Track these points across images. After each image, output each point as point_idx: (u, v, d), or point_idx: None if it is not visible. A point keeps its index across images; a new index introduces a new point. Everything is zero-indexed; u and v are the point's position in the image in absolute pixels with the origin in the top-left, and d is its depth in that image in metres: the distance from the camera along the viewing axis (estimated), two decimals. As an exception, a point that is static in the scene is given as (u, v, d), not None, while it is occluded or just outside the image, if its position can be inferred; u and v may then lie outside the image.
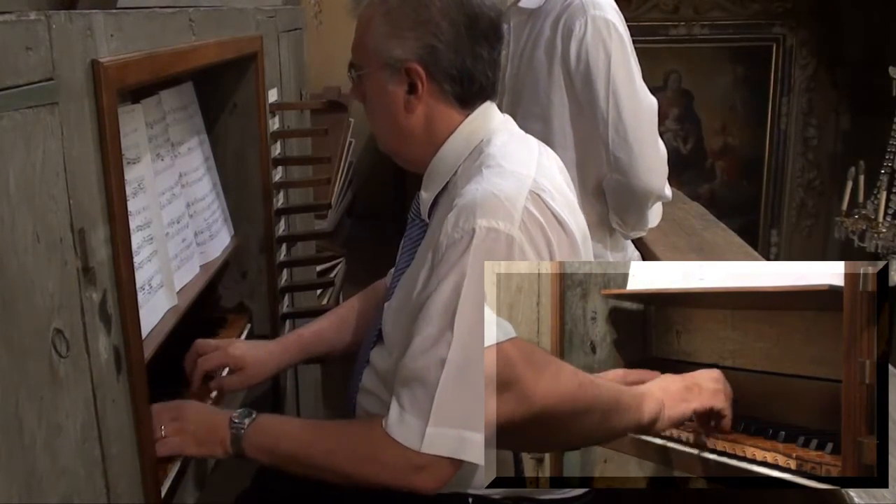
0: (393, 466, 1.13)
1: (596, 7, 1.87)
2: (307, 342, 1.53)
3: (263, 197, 1.67)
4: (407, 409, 1.12)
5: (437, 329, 1.12)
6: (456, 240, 1.12)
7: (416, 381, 1.13)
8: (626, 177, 1.90)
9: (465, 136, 1.27)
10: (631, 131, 1.86)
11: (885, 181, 3.25)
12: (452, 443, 1.11)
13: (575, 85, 1.92)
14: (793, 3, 4.62)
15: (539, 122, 1.99)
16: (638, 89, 1.89)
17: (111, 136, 0.91)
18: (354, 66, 1.30)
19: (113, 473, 0.92)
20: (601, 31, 1.85)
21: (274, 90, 1.74)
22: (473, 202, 1.13)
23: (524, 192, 1.16)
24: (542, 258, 1.16)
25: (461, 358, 1.09)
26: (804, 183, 4.92)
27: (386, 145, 1.34)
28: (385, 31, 1.22)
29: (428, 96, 1.24)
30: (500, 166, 1.20)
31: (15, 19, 0.74)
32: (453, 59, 1.21)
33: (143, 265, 1.19)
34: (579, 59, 1.88)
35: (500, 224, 1.12)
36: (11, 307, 0.72)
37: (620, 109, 1.86)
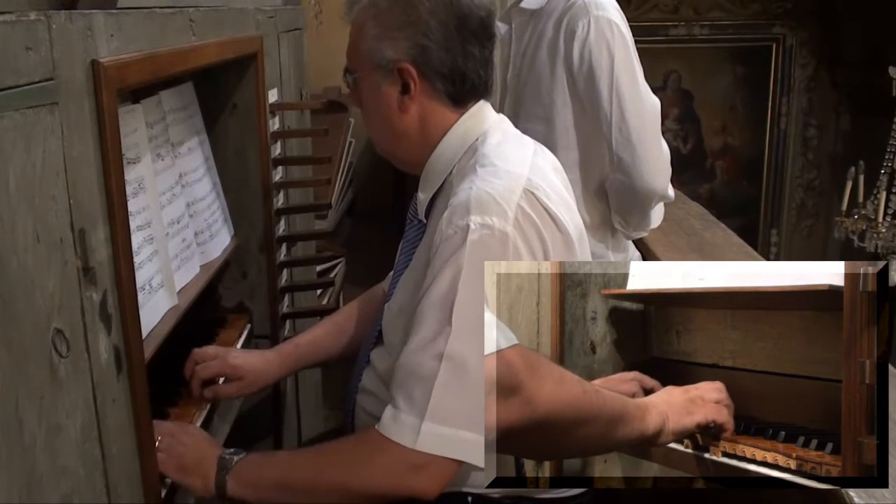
0: (388, 468, 1.10)
1: (599, 7, 1.87)
2: (304, 352, 1.52)
3: (263, 197, 1.67)
4: (402, 408, 1.11)
5: (432, 326, 1.11)
6: (450, 236, 1.12)
7: (411, 379, 1.11)
8: (629, 177, 1.90)
9: (460, 136, 1.27)
10: (634, 132, 1.86)
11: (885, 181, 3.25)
12: (449, 442, 1.09)
13: (578, 85, 1.92)
14: (793, 3, 4.63)
15: (542, 122, 1.99)
16: (641, 90, 1.89)
17: (111, 136, 0.91)
18: (349, 71, 1.31)
19: (113, 473, 0.92)
20: (604, 31, 1.85)
21: (274, 90, 1.75)
22: (468, 200, 1.14)
23: (518, 190, 1.16)
24: (535, 256, 1.16)
25: (458, 353, 1.08)
26: (804, 183, 4.92)
27: (382, 148, 1.35)
28: (376, 33, 1.23)
29: (421, 96, 1.25)
30: (494, 165, 1.20)
31: (15, 19, 0.74)
32: (444, 57, 1.22)
33: (144, 265, 1.19)
34: (582, 59, 1.88)
35: (493, 221, 1.12)
36: (11, 307, 0.72)
37: (624, 110, 1.86)
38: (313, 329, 1.57)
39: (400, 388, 1.12)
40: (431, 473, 1.10)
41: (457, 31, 1.22)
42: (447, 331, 1.09)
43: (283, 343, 1.57)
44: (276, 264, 1.74)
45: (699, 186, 4.85)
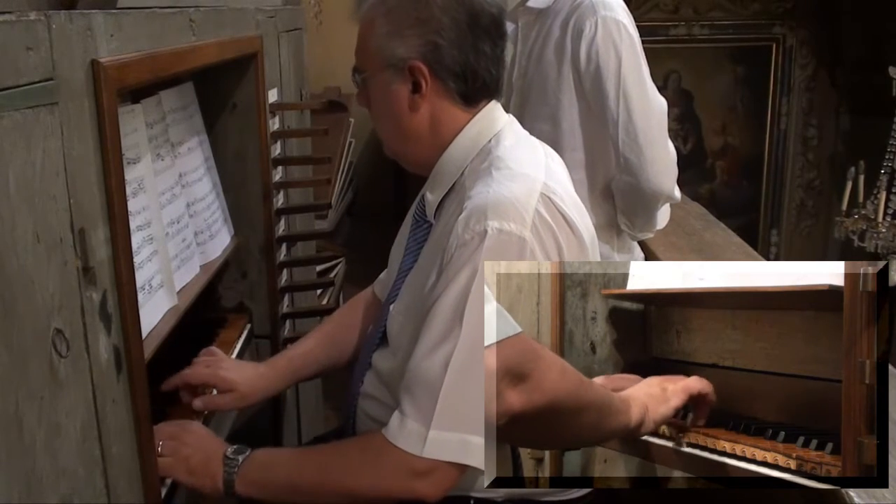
0: (393, 474, 1.11)
1: (606, 8, 1.86)
2: (298, 366, 1.49)
3: (263, 197, 1.67)
4: (409, 414, 1.11)
5: (443, 331, 1.10)
6: (466, 241, 1.11)
7: (419, 385, 1.11)
8: (635, 178, 1.89)
9: (472, 137, 1.26)
10: (641, 133, 1.85)
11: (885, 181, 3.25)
12: (455, 447, 1.09)
13: (584, 86, 1.92)
14: (793, 3, 4.62)
15: (548, 122, 1.99)
16: (648, 91, 1.88)
17: (111, 136, 0.91)
18: (358, 70, 1.29)
19: (113, 473, 0.92)
20: (612, 32, 1.85)
21: (274, 90, 1.74)
22: (485, 204, 1.13)
23: (535, 195, 1.15)
24: (551, 260, 1.15)
25: (468, 359, 1.08)
26: (804, 183, 4.92)
27: (391, 148, 1.33)
28: (387, 31, 1.22)
29: (432, 94, 1.23)
30: (509, 168, 1.19)
31: (15, 19, 0.74)
32: (456, 55, 1.21)
33: (144, 265, 1.19)
34: (589, 59, 1.87)
35: (511, 226, 1.11)
36: (11, 307, 0.72)
37: (630, 111, 1.85)
38: (304, 341, 1.55)
39: (407, 393, 1.12)
40: (436, 479, 1.11)
41: (469, 28, 1.21)
42: (456, 335, 1.09)
43: (275, 357, 1.53)
44: (276, 264, 1.74)
45: (699, 186, 4.85)
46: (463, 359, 1.08)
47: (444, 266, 1.14)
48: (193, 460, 1.17)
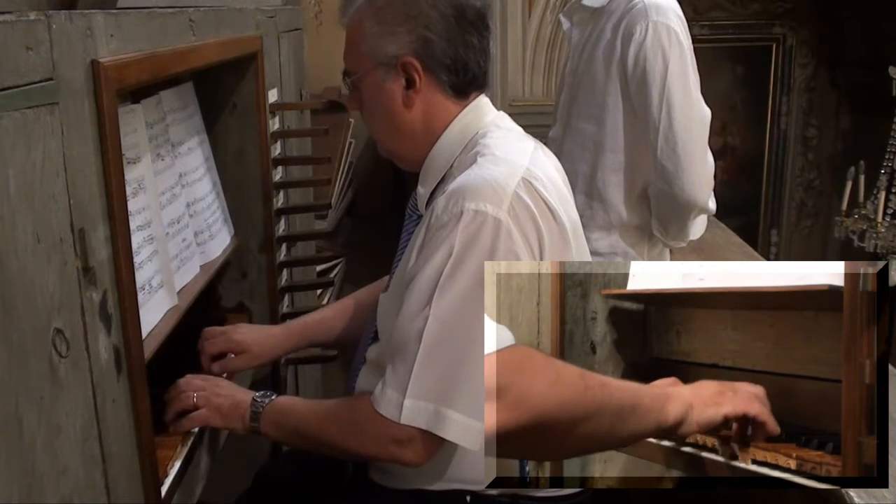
0: (375, 438, 1.17)
1: (659, 13, 1.85)
2: (311, 329, 1.57)
3: (263, 197, 1.67)
4: (388, 382, 1.16)
5: (418, 305, 1.14)
6: (445, 222, 1.14)
7: (397, 353, 1.16)
8: (670, 187, 1.88)
9: (460, 130, 1.28)
10: (681, 142, 1.84)
11: (885, 181, 3.25)
12: (430, 417, 1.13)
13: (630, 89, 1.91)
14: (793, 3, 4.62)
15: (593, 122, 1.99)
16: (693, 101, 1.87)
17: (111, 136, 0.91)
18: (348, 73, 1.31)
19: (113, 473, 0.92)
20: (661, 37, 1.84)
21: (274, 90, 1.74)
22: (463, 186, 1.15)
23: (515, 178, 1.17)
24: (530, 244, 1.17)
25: (439, 333, 1.12)
26: (804, 183, 4.91)
27: (386, 146, 1.34)
28: (377, 30, 1.24)
29: (425, 89, 1.25)
30: (493, 155, 1.22)
31: (15, 19, 0.74)
32: (446, 48, 1.23)
33: (144, 265, 1.19)
34: (637, 63, 1.86)
35: (487, 207, 1.13)
36: (11, 307, 0.72)
37: (672, 119, 1.84)
38: (323, 309, 1.63)
39: (389, 361, 1.18)
40: (416, 447, 1.16)
41: (456, 21, 1.24)
42: (428, 311, 1.13)
43: (292, 321, 1.62)
44: (276, 264, 1.74)
45: (699, 186, 4.85)
46: (435, 331, 1.12)
47: (423, 246, 1.17)
48: (224, 406, 1.27)
